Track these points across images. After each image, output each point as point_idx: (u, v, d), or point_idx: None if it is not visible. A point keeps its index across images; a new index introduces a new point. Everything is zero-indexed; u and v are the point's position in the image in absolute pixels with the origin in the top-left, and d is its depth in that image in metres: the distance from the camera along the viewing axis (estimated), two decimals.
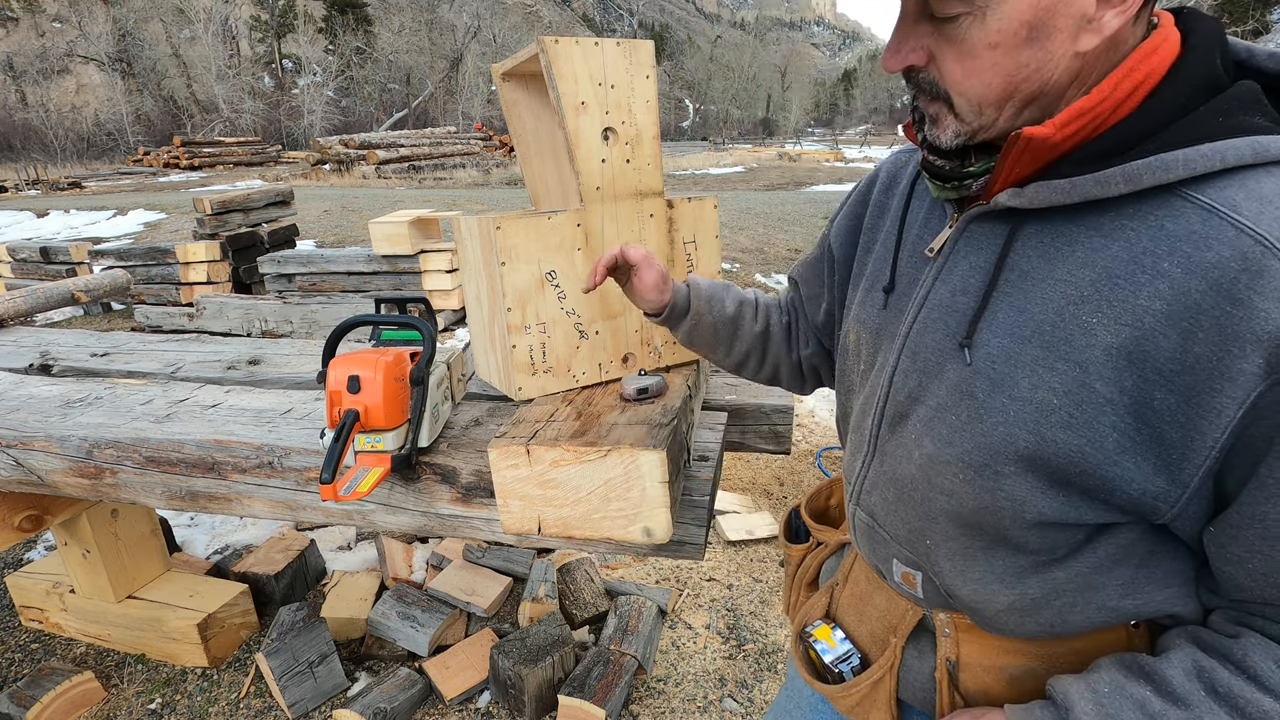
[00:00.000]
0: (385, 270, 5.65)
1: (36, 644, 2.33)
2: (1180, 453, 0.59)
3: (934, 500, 0.73)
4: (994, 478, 0.67)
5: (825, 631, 0.93)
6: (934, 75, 0.66)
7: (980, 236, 0.71)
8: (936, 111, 0.68)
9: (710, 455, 1.38)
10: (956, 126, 0.67)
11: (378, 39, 48.08)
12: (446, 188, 16.97)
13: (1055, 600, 0.71)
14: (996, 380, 0.66)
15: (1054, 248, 0.65)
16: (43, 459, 1.48)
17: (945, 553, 0.75)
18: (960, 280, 0.72)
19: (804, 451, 3.69)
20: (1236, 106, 0.60)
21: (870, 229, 0.90)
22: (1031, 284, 0.65)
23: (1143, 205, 0.60)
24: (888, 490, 0.80)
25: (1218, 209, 0.57)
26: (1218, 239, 0.56)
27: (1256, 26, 28.40)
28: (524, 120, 1.44)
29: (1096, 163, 0.61)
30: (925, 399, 0.73)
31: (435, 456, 1.24)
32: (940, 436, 0.70)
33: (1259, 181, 0.57)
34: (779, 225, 9.82)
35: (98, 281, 2.87)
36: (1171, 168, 0.58)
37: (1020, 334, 0.65)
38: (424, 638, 2.16)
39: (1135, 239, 0.60)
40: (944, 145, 0.69)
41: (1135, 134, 0.61)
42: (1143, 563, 0.68)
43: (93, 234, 9.92)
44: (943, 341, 0.72)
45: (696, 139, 54.49)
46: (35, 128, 36.30)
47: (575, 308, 1.29)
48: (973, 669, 0.79)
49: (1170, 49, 0.62)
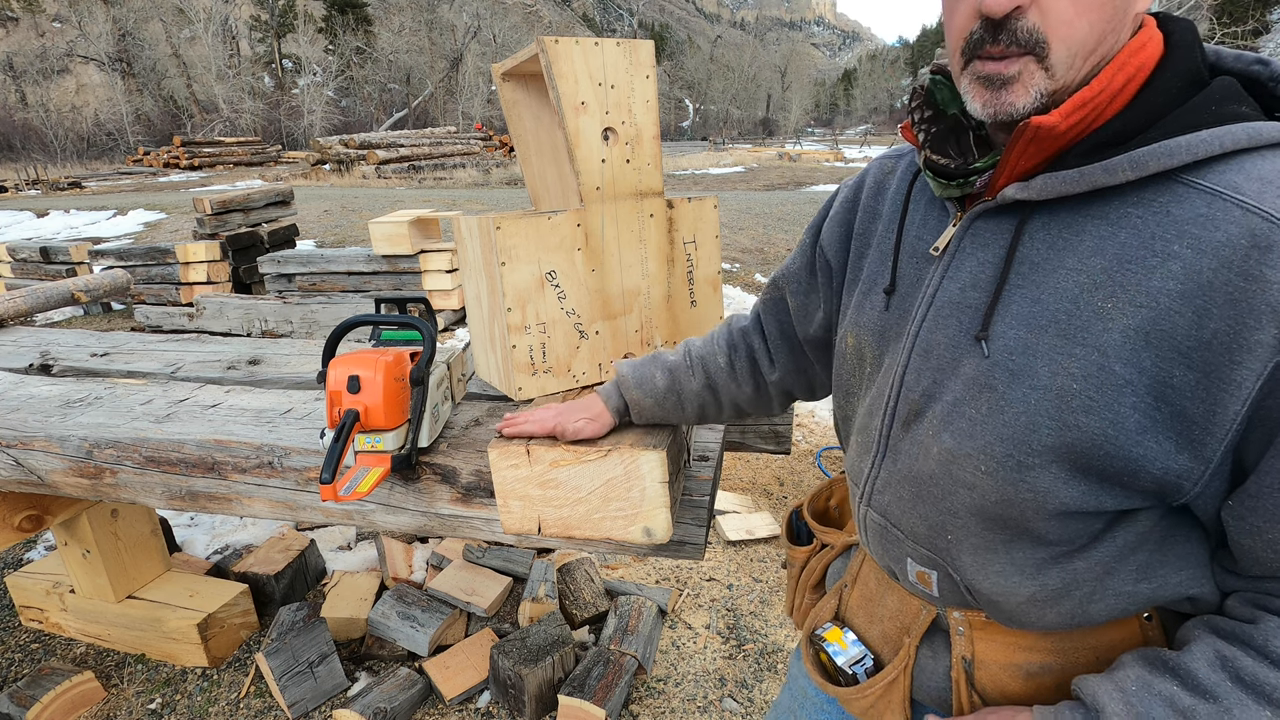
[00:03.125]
0: (385, 270, 5.65)
1: (36, 644, 2.33)
2: (1203, 428, 0.60)
3: (955, 495, 0.73)
4: (1017, 469, 0.67)
5: (836, 634, 0.93)
6: (1035, 21, 0.62)
7: (987, 232, 0.72)
8: (1020, 70, 0.64)
9: (710, 455, 1.38)
10: (1043, 84, 0.64)
11: (378, 39, 48.09)
12: (446, 188, 16.97)
13: (1075, 590, 0.72)
14: (1015, 371, 0.67)
15: (1063, 238, 0.66)
16: (43, 459, 1.48)
17: (967, 548, 0.75)
18: (970, 276, 0.72)
19: (804, 451, 3.69)
20: (1224, 97, 0.63)
21: (861, 234, 0.90)
22: (1043, 275, 0.66)
23: (1145, 193, 0.62)
24: (902, 489, 0.79)
25: (1221, 192, 0.59)
26: (1225, 219, 0.58)
27: (1256, 26, 28.40)
28: (524, 120, 1.44)
29: (1100, 153, 0.63)
30: (941, 395, 0.73)
31: (435, 456, 1.24)
32: (960, 430, 0.71)
33: (1255, 165, 0.60)
34: (779, 225, 9.83)
35: (98, 281, 2.87)
36: (1176, 153, 0.60)
37: (1036, 324, 0.66)
38: (424, 638, 2.16)
39: (1143, 225, 0.62)
40: (1019, 111, 0.65)
41: (1135, 124, 0.63)
42: (1159, 547, 0.69)
43: (93, 234, 9.93)
44: (956, 337, 0.72)
45: (696, 139, 54.51)
46: (35, 128, 36.31)
47: (575, 308, 1.30)
48: (989, 666, 0.79)
49: (1156, 46, 0.65)
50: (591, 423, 1.07)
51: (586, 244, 1.28)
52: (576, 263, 1.27)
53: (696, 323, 1.44)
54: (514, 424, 1.09)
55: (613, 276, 1.32)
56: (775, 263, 7.79)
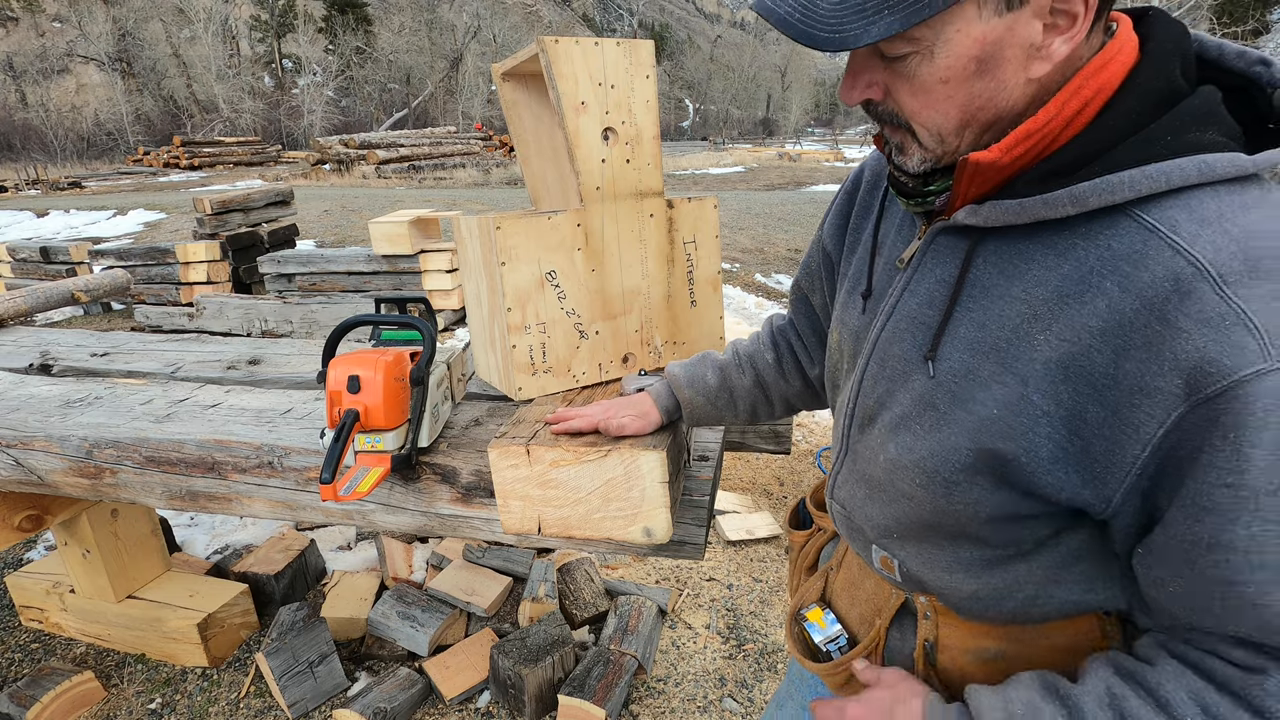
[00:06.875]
0: (385, 270, 5.65)
1: (36, 644, 2.33)
2: (1104, 466, 0.61)
3: (898, 502, 0.77)
4: (945, 485, 0.70)
5: (817, 614, 0.98)
6: (892, 107, 0.67)
7: (946, 250, 0.72)
8: (901, 140, 0.69)
9: (710, 455, 1.38)
10: (921, 154, 0.68)
11: (378, 39, 48.07)
12: (446, 188, 16.97)
13: (1018, 592, 0.74)
14: (956, 394, 0.68)
15: (1012, 264, 0.66)
16: (43, 459, 1.48)
17: (912, 547, 0.79)
18: (926, 293, 0.73)
19: (804, 451, 3.69)
20: (1189, 122, 0.60)
21: (855, 229, 0.91)
22: (991, 300, 0.67)
23: (1094, 224, 0.61)
24: (858, 487, 0.84)
25: (1158, 229, 0.58)
26: (1154, 258, 0.57)
27: (1256, 26, 28.39)
28: (524, 120, 1.44)
29: (1048, 182, 0.62)
30: (891, 405, 0.76)
31: (435, 456, 1.24)
32: (903, 443, 0.73)
33: (1201, 202, 0.57)
34: (779, 225, 9.83)
35: (98, 281, 2.87)
36: (1117, 190, 0.58)
37: (979, 349, 0.67)
38: (424, 637, 2.16)
39: (1085, 258, 0.61)
40: (912, 170, 0.70)
41: (1085, 153, 0.62)
42: (1103, 561, 0.70)
43: (93, 234, 9.93)
44: (909, 352, 0.74)
45: (696, 139, 54.47)
46: (35, 128, 36.28)
47: (575, 308, 1.30)
48: (950, 650, 0.82)
49: (1125, 60, 0.62)
50: (637, 419, 1.07)
51: (586, 244, 1.28)
52: (576, 263, 1.27)
53: (696, 323, 1.44)
54: (563, 420, 1.10)
55: (613, 276, 1.32)
56: (775, 263, 7.79)
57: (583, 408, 1.12)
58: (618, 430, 1.06)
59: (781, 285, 7.08)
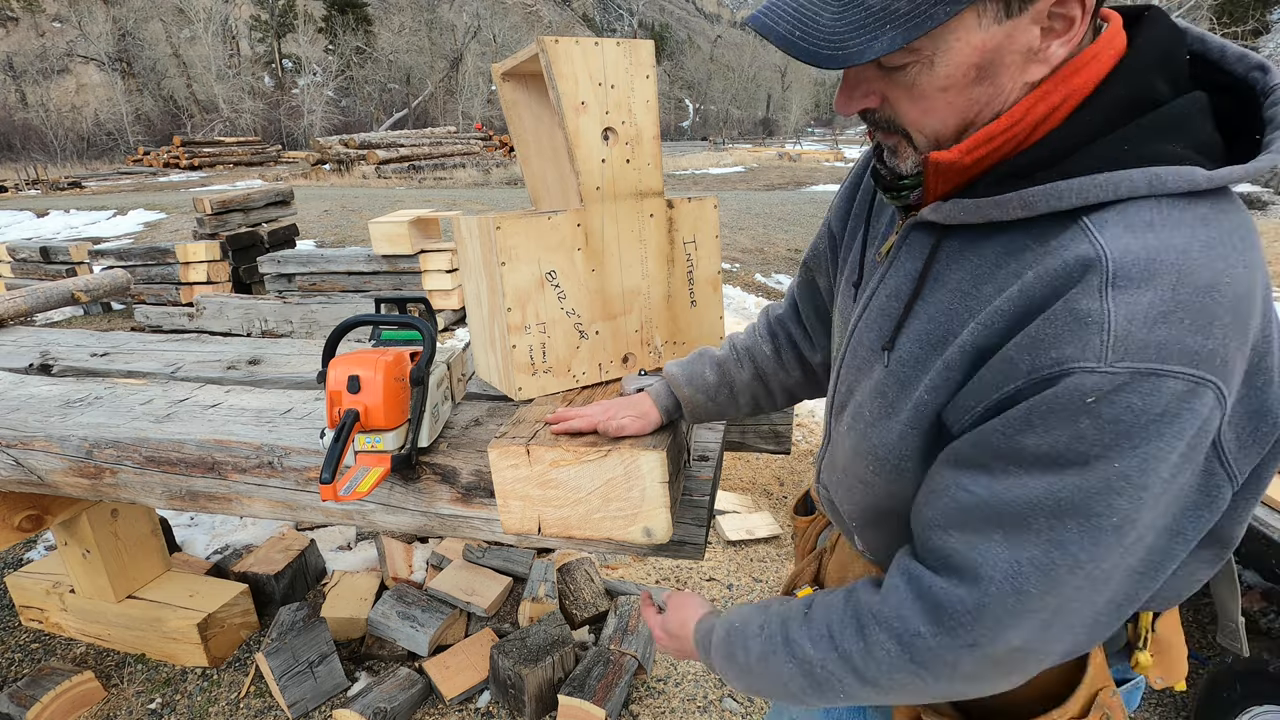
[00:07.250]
0: (385, 270, 5.64)
1: (36, 644, 2.33)
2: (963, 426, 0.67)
3: (857, 487, 0.81)
4: (894, 470, 0.73)
5: (806, 594, 1.00)
6: (889, 114, 0.67)
7: (917, 244, 0.74)
8: (895, 144, 0.70)
9: (710, 455, 1.38)
10: (916, 158, 0.69)
11: (378, 39, 48.06)
12: (446, 188, 16.97)
13: None
14: (904, 383, 0.71)
15: (968, 260, 0.67)
16: (43, 459, 1.48)
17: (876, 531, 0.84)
18: (895, 285, 0.75)
19: (804, 451, 3.69)
20: (1153, 133, 0.59)
21: (857, 215, 0.92)
22: (945, 294, 0.69)
23: (1047, 228, 0.61)
24: (834, 472, 0.87)
25: (1089, 228, 0.58)
26: (1072, 249, 0.58)
27: (1256, 26, 28.37)
28: (524, 120, 1.44)
29: (1004, 184, 0.63)
30: (856, 394, 0.79)
31: (435, 456, 1.24)
32: (859, 431, 0.77)
33: (1139, 212, 0.57)
34: (779, 225, 9.83)
35: (98, 281, 2.87)
36: (1065, 196, 0.59)
37: (928, 341, 0.69)
38: (424, 638, 2.16)
39: (1030, 259, 0.61)
40: (906, 173, 0.71)
41: (1043, 157, 0.62)
42: None
43: (93, 234, 9.92)
44: (874, 343, 0.76)
45: (696, 139, 54.45)
46: (35, 128, 36.27)
47: (575, 308, 1.30)
48: None
49: (1105, 62, 0.62)
50: (636, 419, 1.07)
51: (586, 244, 1.28)
52: (576, 263, 1.27)
53: (696, 322, 1.44)
54: (563, 420, 1.10)
55: (613, 276, 1.32)
56: (775, 263, 7.79)
57: (582, 408, 1.12)
58: (617, 430, 1.06)
59: (781, 285, 7.08)
